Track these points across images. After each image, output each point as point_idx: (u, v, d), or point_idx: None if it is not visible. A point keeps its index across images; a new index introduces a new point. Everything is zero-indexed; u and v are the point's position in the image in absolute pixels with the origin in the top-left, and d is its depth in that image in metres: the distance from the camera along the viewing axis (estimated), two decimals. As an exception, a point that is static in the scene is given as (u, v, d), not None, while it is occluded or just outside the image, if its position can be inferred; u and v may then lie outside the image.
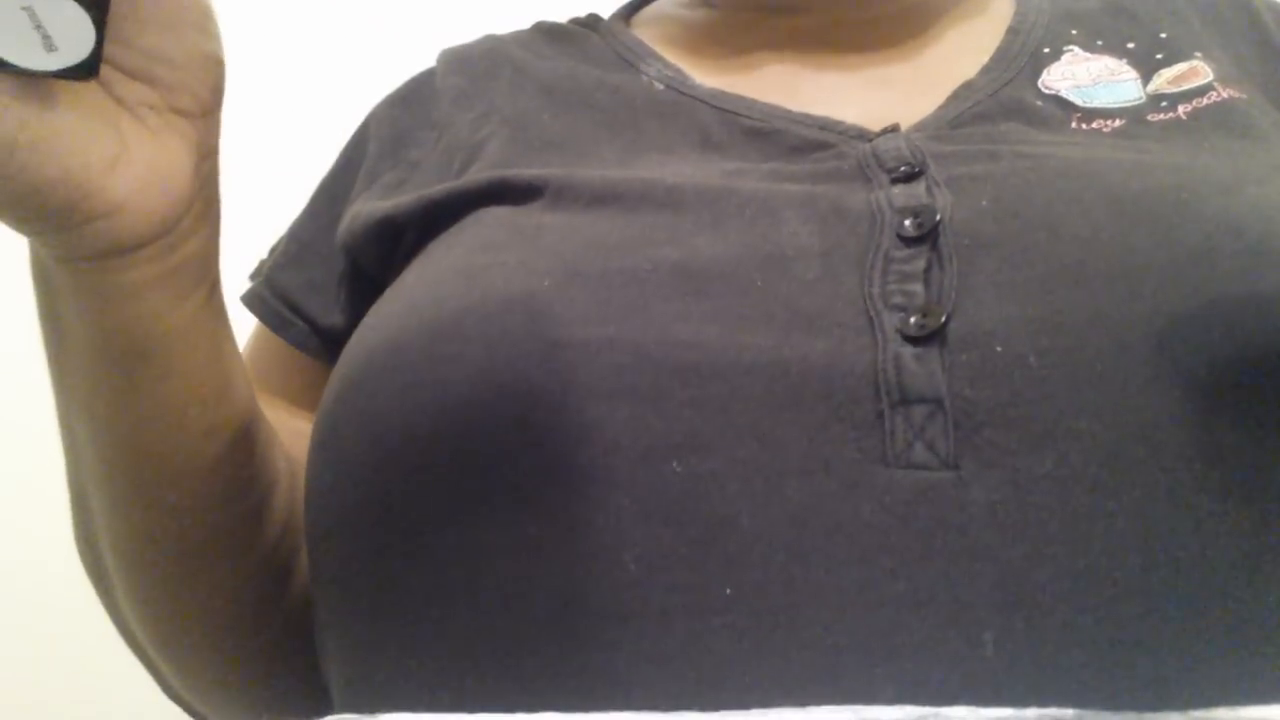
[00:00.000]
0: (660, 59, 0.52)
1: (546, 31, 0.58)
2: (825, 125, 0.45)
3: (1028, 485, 0.32)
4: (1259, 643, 0.31)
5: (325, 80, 0.95)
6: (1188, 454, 0.32)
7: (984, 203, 0.38)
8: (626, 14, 0.60)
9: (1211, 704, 0.28)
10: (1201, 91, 0.46)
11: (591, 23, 0.58)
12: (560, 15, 0.60)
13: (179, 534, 0.44)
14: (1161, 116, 0.45)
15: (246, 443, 0.44)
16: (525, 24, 0.60)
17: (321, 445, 0.40)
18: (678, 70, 0.51)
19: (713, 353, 0.34)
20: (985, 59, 0.49)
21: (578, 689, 0.32)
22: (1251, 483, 0.32)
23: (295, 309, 0.53)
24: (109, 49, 0.34)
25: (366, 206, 0.49)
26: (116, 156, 0.35)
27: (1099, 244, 0.35)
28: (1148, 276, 0.34)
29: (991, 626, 0.30)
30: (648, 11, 0.60)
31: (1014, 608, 0.30)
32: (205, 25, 0.37)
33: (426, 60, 0.58)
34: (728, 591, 0.32)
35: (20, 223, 0.36)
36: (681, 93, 0.49)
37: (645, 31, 0.56)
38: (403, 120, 0.55)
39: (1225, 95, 0.46)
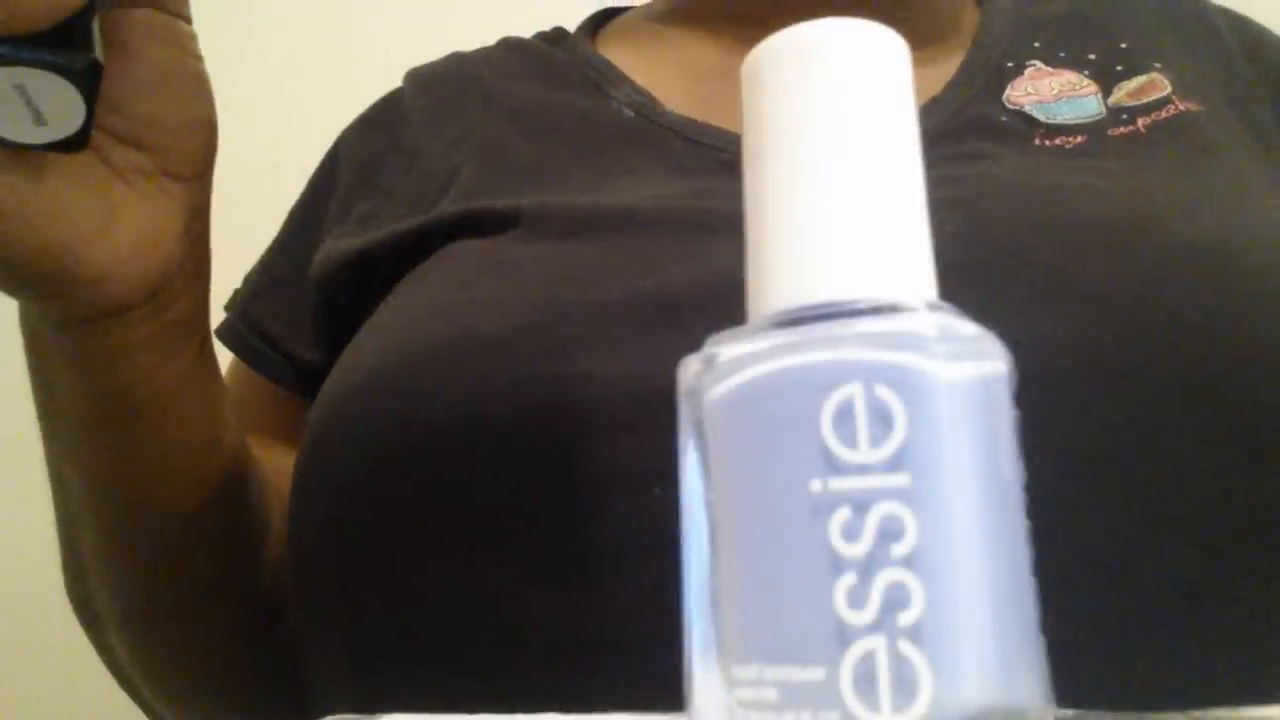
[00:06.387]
0: (629, 82, 0.52)
1: (513, 49, 0.57)
2: None
3: None
4: (1223, 658, 0.32)
5: (293, 101, 0.93)
6: (1149, 471, 0.33)
7: (950, 227, 0.38)
8: (592, 29, 0.59)
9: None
10: (1160, 105, 0.47)
11: (557, 39, 0.58)
12: (527, 29, 0.60)
13: (172, 580, 0.44)
14: (1122, 130, 0.46)
15: (239, 491, 0.44)
16: (491, 39, 0.59)
17: (300, 491, 0.40)
18: (647, 95, 0.51)
19: None
20: (950, 73, 0.49)
21: None
22: (1212, 496, 0.33)
23: (271, 342, 0.52)
24: (101, 115, 0.33)
25: (340, 243, 0.49)
26: (105, 223, 0.35)
27: (1062, 270, 0.36)
28: (1108, 301, 0.35)
29: None
30: (615, 25, 0.59)
31: None
32: (198, 88, 0.37)
33: (394, 79, 0.58)
34: None
35: (8, 289, 0.35)
36: (651, 120, 0.49)
37: (612, 49, 0.55)
38: (373, 145, 0.54)
39: (1183, 108, 0.47)
